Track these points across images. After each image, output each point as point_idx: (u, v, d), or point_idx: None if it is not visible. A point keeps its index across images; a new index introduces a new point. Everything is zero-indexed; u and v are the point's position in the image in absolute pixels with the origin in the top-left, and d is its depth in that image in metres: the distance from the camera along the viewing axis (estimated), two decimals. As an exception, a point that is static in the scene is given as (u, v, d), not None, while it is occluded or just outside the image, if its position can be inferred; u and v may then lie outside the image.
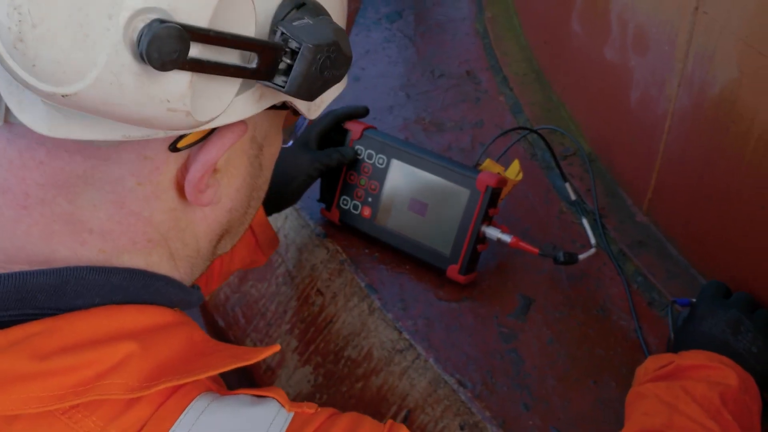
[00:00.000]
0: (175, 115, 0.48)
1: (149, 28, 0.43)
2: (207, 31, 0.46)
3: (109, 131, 0.49)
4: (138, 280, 0.56)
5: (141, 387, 0.52)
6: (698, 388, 0.74)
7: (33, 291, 0.52)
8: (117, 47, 0.44)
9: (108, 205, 0.54)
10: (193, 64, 0.46)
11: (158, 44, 0.43)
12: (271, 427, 0.54)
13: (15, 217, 0.53)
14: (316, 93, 0.54)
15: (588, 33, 1.12)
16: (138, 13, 0.44)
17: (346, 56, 0.55)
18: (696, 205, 0.95)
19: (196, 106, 0.48)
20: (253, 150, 0.61)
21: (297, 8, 0.53)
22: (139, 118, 0.47)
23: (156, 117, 0.47)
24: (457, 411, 0.87)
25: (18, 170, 0.52)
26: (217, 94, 0.50)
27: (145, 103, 0.46)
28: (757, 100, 0.81)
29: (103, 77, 0.44)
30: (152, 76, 0.45)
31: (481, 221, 0.95)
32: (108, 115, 0.47)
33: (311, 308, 1.04)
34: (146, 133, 0.50)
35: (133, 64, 0.44)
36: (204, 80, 0.49)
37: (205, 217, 0.60)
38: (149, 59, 0.44)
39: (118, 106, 0.46)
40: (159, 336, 0.55)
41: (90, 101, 0.45)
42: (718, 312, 0.83)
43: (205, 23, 0.46)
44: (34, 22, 0.42)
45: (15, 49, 0.43)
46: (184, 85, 0.47)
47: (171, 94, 0.47)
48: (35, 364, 0.50)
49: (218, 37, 0.47)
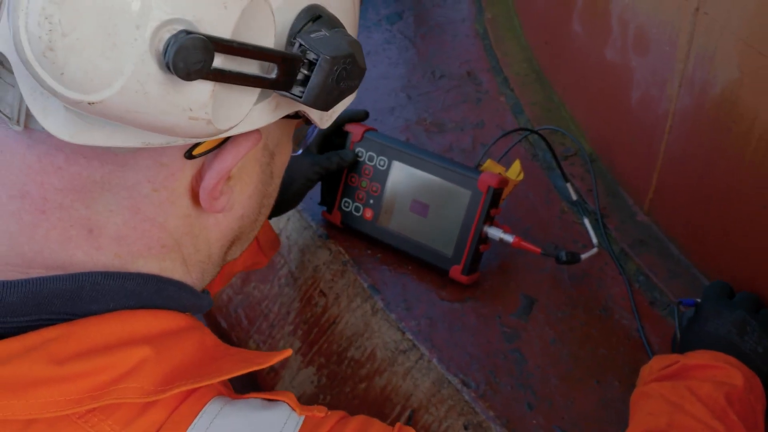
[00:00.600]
0: (197, 123, 0.49)
1: (176, 38, 0.45)
2: (230, 42, 0.47)
3: (130, 138, 0.50)
4: (151, 286, 0.57)
5: (156, 391, 0.53)
6: (703, 388, 0.74)
7: (49, 296, 0.53)
8: (143, 57, 0.45)
9: (124, 210, 0.55)
10: (216, 74, 0.47)
11: (184, 54, 0.45)
12: (283, 430, 0.55)
13: (33, 222, 0.54)
14: (331, 103, 0.55)
15: (589, 33, 1.12)
16: (165, 24, 0.45)
17: (361, 68, 0.56)
18: (697, 205, 0.96)
19: (217, 115, 0.50)
20: (265, 158, 0.62)
21: (313, 21, 0.54)
22: (162, 125, 0.48)
23: (178, 125, 0.49)
24: (460, 411, 0.87)
25: (37, 175, 0.53)
26: (237, 103, 0.52)
27: (168, 111, 0.47)
28: (757, 100, 0.82)
29: (129, 86, 0.45)
30: (177, 85, 0.46)
31: (483, 221, 0.95)
32: (131, 123, 0.48)
33: (314, 309, 1.05)
34: (166, 141, 0.51)
35: (159, 74, 0.46)
36: (225, 90, 0.50)
37: (217, 223, 0.61)
38: (175, 69, 0.45)
39: (142, 114, 0.47)
40: (172, 340, 0.56)
41: (115, 109, 0.46)
42: (723, 312, 0.83)
43: (228, 34, 0.47)
44: (65, 32, 0.43)
45: (44, 57, 0.44)
46: (206, 94, 0.48)
47: (194, 103, 0.48)
48: (52, 368, 0.51)
49: (241, 48, 0.48)
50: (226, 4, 0.47)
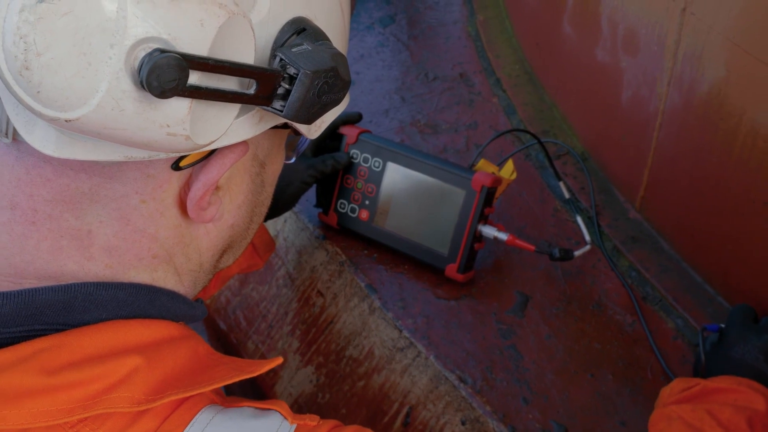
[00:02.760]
0: (175, 138, 0.49)
1: (149, 57, 0.45)
2: (206, 59, 0.47)
3: (112, 152, 0.51)
4: (144, 296, 0.58)
5: (147, 400, 0.53)
6: (724, 412, 0.72)
7: (41, 307, 0.54)
8: (118, 75, 0.45)
9: (114, 221, 0.56)
10: (193, 90, 0.47)
11: (158, 73, 0.45)
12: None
13: (24, 233, 0.55)
14: (314, 116, 0.56)
15: (579, 35, 1.14)
16: (140, 42, 0.45)
17: (344, 81, 0.56)
18: (687, 201, 0.97)
19: (196, 130, 0.50)
20: (255, 168, 0.63)
21: (297, 33, 0.55)
22: (140, 141, 0.49)
23: (156, 140, 0.49)
24: (458, 406, 0.89)
25: (26, 187, 0.54)
26: (216, 118, 0.52)
27: (145, 127, 0.47)
28: (744, 98, 0.83)
29: (105, 103, 0.45)
30: (152, 102, 0.47)
31: (477, 220, 0.97)
32: (110, 139, 0.48)
33: (312, 309, 1.06)
34: (148, 155, 0.51)
35: (134, 91, 0.46)
36: (203, 105, 0.50)
37: (207, 233, 0.62)
38: (149, 87, 0.45)
39: (120, 131, 0.47)
40: (164, 350, 0.57)
41: (92, 126, 0.46)
42: (749, 338, 0.81)
43: (204, 51, 0.47)
44: (39, 51, 0.43)
45: (21, 76, 0.44)
46: (183, 111, 0.48)
47: (171, 120, 0.48)
48: (44, 379, 0.51)
49: (217, 65, 0.48)
50: (202, 22, 0.47)
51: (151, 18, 0.45)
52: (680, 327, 0.95)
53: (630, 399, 0.88)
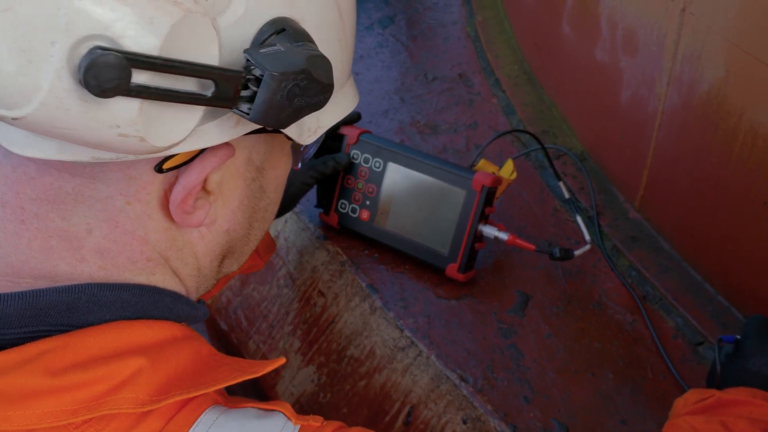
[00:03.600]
0: (128, 139, 0.48)
1: (88, 55, 0.44)
2: (153, 58, 0.45)
3: (78, 152, 0.50)
4: (147, 297, 0.58)
5: (151, 401, 0.53)
6: (739, 425, 0.70)
7: (46, 308, 0.54)
8: (60, 73, 0.44)
9: (102, 223, 0.55)
10: (141, 90, 0.46)
11: (95, 72, 0.43)
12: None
13: (16, 231, 0.55)
14: (286, 120, 0.53)
15: (578, 35, 1.14)
16: (83, 40, 0.44)
17: (321, 83, 0.53)
18: (687, 201, 0.98)
19: (151, 132, 0.48)
20: (250, 173, 0.61)
21: (277, 34, 0.53)
22: (93, 141, 0.48)
23: (109, 141, 0.48)
24: (459, 405, 0.89)
25: (13, 184, 0.54)
26: (175, 121, 0.50)
27: (94, 127, 0.46)
28: (743, 97, 0.84)
29: (49, 102, 0.45)
30: (97, 101, 0.45)
31: (478, 220, 0.97)
32: (62, 138, 0.47)
33: (313, 309, 1.06)
34: (116, 156, 0.50)
35: (77, 90, 0.45)
36: (158, 106, 0.48)
37: (202, 237, 0.61)
38: (88, 86, 0.44)
39: (69, 130, 0.46)
40: (167, 350, 0.57)
41: (39, 124, 0.46)
42: (766, 350, 0.79)
43: (155, 51, 0.46)
44: None
45: None
46: (133, 112, 0.46)
47: (120, 120, 0.46)
48: (49, 380, 0.51)
49: (166, 65, 0.46)
50: (152, 20, 0.45)
51: (96, 14, 0.44)
52: (680, 326, 0.95)
53: (630, 398, 0.89)
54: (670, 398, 0.88)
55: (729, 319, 0.94)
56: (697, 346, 0.93)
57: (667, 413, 0.87)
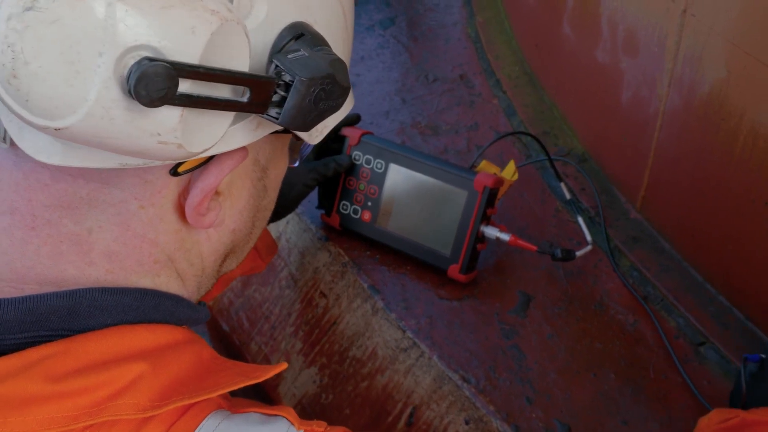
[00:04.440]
0: (167, 147, 0.48)
1: (138, 65, 0.44)
2: (197, 67, 0.47)
3: (106, 159, 0.50)
4: (149, 300, 0.58)
5: (152, 406, 0.53)
6: None
7: (46, 313, 0.54)
8: (107, 83, 0.45)
9: (113, 227, 0.56)
10: (184, 99, 0.47)
11: (146, 82, 0.44)
12: None
13: (24, 238, 0.55)
14: (311, 123, 0.55)
15: (579, 36, 1.15)
16: (129, 50, 0.44)
17: (342, 87, 0.55)
18: (688, 201, 0.98)
19: (188, 138, 0.49)
20: (257, 173, 0.62)
21: (295, 39, 0.54)
22: (132, 149, 0.48)
23: (148, 149, 0.48)
24: (461, 406, 0.89)
25: (24, 192, 0.54)
26: (210, 126, 0.51)
27: (136, 136, 0.47)
28: (744, 98, 0.84)
29: (94, 112, 0.45)
30: (142, 110, 0.46)
31: (479, 221, 0.97)
32: (101, 147, 0.48)
33: (315, 310, 1.06)
34: (143, 162, 0.51)
35: (123, 100, 0.45)
36: (195, 113, 0.49)
37: (209, 238, 0.62)
38: (137, 96, 0.45)
39: (110, 139, 0.47)
40: (169, 355, 0.57)
41: (82, 134, 0.46)
42: None
43: (195, 59, 0.47)
44: (27, 60, 0.43)
45: (9, 84, 0.44)
46: (174, 120, 0.48)
47: (162, 128, 0.47)
48: (49, 386, 0.51)
49: (208, 73, 0.47)
50: (193, 29, 0.46)
51: (141, 26, 0.44)
52: (682, 326, 0.95)
53: (632, 398, 0.89)
54: (671, 398, 0.88)
55: (730, 319, 0.94)
56: (699, 346, 0.93)
57: (668, 413, 0.87)
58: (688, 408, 0.88)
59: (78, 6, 0.43)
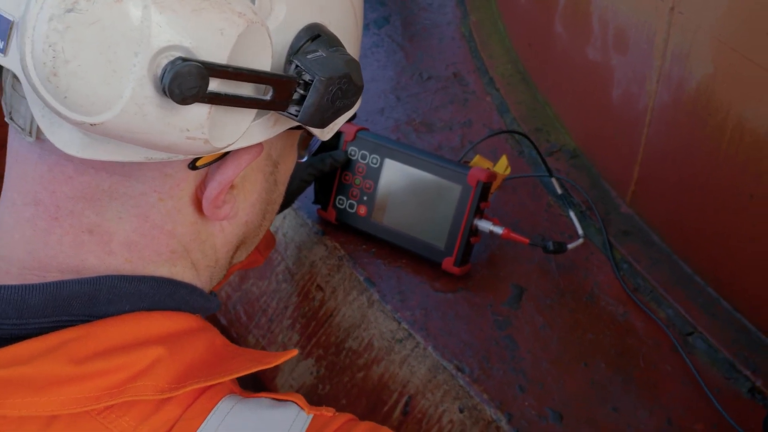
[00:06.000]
0: (194, 142, 0.51)
1: (172, 65, 0.47)
2: (226, 67, 0.49)
3: (133, 153, 0.53)
4: (164, 289, 0.60)
5: (170, 388, 0.55)
6: None
7: (68, 299, 0.56)
8: (142, 81, 0.47)
9: (133, 218, 0.58)
10: (212, 97, 0.49)
11: (180, 81, 0.47)
12: (292, 427, 0.57)
13: (47, 228, 0.57)
14: (327, 121, 0.58)
15: (570, 34, 1.17)
16: (162, 50, 0.47)
17: (357, 86, 0.58)
18: (677, 195, 1.00)
19: (214, 134, 0.52)
20: (269, 167, 0.65)
21: (312, 40, 0.57)
22: (160, 144, 0.51)
23: (176, 144, 0.51)
24: (456, 395, 0.91)
25: (49, 184, 0.56)
26: (234, 122, 0.54)
27: (166, 131, 0.49)
28: (731, 94, 0.86)
29: (129, 108, 0.47)
30: (173, 107, 0.49)
31: (473, 215, 0.99)
32: (131, 141, 0.50)
33: (311, 303, 1.08)
34: (167, 156, 0.53)
35: (156, 97, 0.48)
36: (221, 110, 0.52)
37: (222, 230, 0.64)
38: (171, 94, 0.47)
39: (142, 134, 0.49)
40: (184, 340, 0.59)
41: (115, 129, 0.48)
42: None
43: (224, 59, 0.49)
44: (67, 58, 0.45)
45: (49, 82, 0.46)
46: (203, 116, 0.50)
47: (191, 124, 0.50)
48: (72, 367, 0.53)
49: (236, 72, 0.50)
50: (222, 31, 0.48)
51: (174, 27, 0.47)
52: (671, 317, 0.97)
53: (622, 387, 0.91)
54: (660, 387, 0.91)
55: (718, 309, 0.97)
56: (688, 336, 0.96)
57: (658, 401, 0.89)
58: (676, 396, 0.90)
59: (116, 8, 0.46)
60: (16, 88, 0.54)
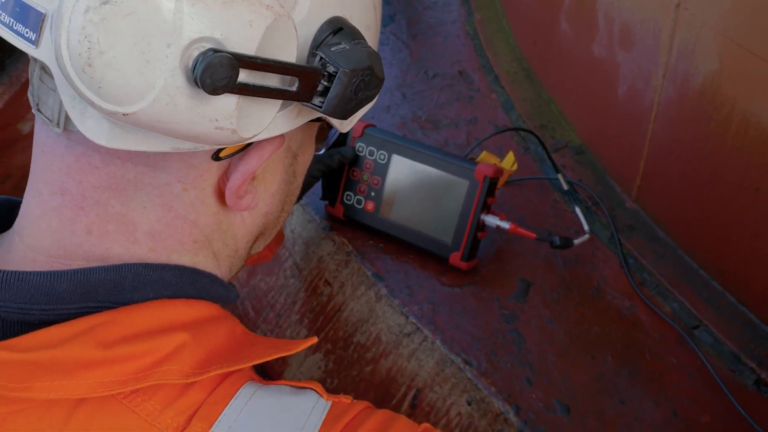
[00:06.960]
0: (222, 132, 0.52)
1: (204, 56, 0.48)
2: (254, 58, 0.51)
3: (161, 143, 0.54)
4: (187, 277, 0.61)
5: (194, 373, 0.56)
6: None
7: (95, 286, 0.57)
8: (174, 72, 0.48)
9: (157, 208, 0.59)
10: (241, 88, 0.51)
11: (211, 71, 0.48)
12: (312, 413, 0.59)
13: (73, 217, 0.58)
14: (350, 112, 0.59)
15: (576, 31, 1.18)
16: (194, 42, 0.48)
17: (379, 78, 0.59)
18: (682, 190, 1.01)
19: (241, 124, 0.53)
20: (288, 159, 0.66)
21: (335, 33, 0.58)
22: (190, 134, 0.52)
23: (204, 133, 0.52)
24: (464, 388, 0.92)
25: (75, 174, 0.57)
26: (260, 113, 0.55)
27: (196, 121, 0.51)
28: (736, 89, 0.87)
29: (160, 99, 0.49)
30: (204, 98, 0.50)
31: (480, 210, 1.00)
32: (162, 131, 0.52)
33: (320, 298, 1.09)
34: (194, 146, 0.55)
35: (187, 88, 0.49)
36: (249, 101, 0.53)
37: (243, 220, 0.65)
38: (203, 85, 0.48)
39: (172, 124, 0.50)
40: (207, 327, 0.60)
41: (147, 119, 0.50)
42: None
43: (252, 51, 0.51)
44: (102, 49, 0.47)
45: (84, 72, 0.47)
46: (231, 107, 0.51)
47: (220, 114, 0.51)
48: (100, 352, 0.54)
49: (264, 63, 0.51)
50: (251, 23, 0.50)
51: (205, 19, 0.48)
52: (676, 310, 0.98)
53: (629, 379, 0.92)
54: (666, 379, 0.92)
55: (723, 303, 0.97)
56: (693, 329, 0.96)
57: (664, 394, 0.90)
58: (683, 388, 0.91)
59: (150, 1, 0.47)
60: (44, 80, 0.55)
